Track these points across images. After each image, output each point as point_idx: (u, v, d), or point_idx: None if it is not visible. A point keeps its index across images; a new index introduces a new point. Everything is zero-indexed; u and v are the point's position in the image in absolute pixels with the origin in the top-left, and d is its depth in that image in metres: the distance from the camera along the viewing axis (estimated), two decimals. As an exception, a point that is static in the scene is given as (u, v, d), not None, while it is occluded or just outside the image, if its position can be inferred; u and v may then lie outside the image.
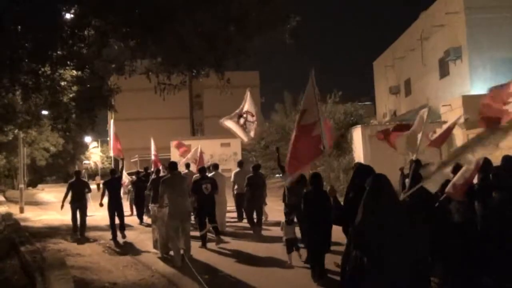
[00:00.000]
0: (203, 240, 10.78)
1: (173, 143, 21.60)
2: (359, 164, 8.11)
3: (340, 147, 20.93)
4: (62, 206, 13.14)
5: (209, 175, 12.14)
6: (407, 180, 6.69)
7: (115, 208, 12.49)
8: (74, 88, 9.89)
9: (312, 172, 8.59)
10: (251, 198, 12.55)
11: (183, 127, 42.65)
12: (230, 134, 13.47)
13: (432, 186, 6.16)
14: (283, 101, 27.71)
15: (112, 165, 51.58)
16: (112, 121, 15.07)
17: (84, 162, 52.89)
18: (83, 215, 13.14)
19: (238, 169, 14.32)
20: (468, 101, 17.76)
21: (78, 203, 13.03)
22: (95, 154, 57.19)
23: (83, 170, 17.22)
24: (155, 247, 10.64)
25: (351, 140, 20.74)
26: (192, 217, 11.34)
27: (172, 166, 10.15)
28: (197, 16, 7.13)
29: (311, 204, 7.74)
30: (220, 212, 12.35)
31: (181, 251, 9.47)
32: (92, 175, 46.51)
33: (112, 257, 10.26)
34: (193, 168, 15.09)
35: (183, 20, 7.03)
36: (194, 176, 12.24)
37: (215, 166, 13.38)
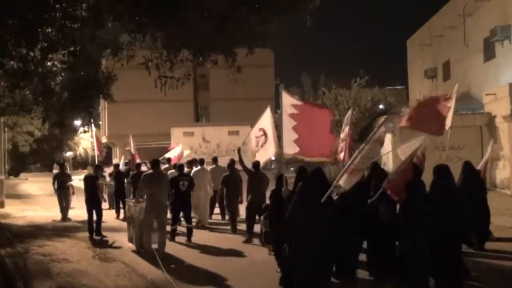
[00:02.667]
0: (172, 233, 12.34)
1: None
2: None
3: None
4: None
5: (194, 169, 14.40)
6: None
7: (94, 205, 13.49)
8: (64, 75, 10.00)
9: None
10: (228, 198, 13.63)
11: (186, 111, 42.58)
12: (239, 120, 13.89)
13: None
14: (300, 85, 27.73)
15: (100, 155, 51.63)
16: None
17: (66, 153, 52.38)
18: (67, 200, 16.58)
19: (213, 165, 15.56)
20: (516, 90, 17.67)
21: (64, 190, 16.51)
22: (85, 140, 57.32)
23: (66, 163, 17.81)
24: (130, 241, 12.03)
25: (378, 131, 20.72)
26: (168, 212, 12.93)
27: (154, 163, 11.57)
28: None
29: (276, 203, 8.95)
30: (204, 206, 14.38)
31: (153, 246, 10.85)
32: (82, 163, 46.65)
33: (103, 264, 10.46)
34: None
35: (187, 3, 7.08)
36: (170, 171, 13.61)
37: (201, 162, 14.79)
